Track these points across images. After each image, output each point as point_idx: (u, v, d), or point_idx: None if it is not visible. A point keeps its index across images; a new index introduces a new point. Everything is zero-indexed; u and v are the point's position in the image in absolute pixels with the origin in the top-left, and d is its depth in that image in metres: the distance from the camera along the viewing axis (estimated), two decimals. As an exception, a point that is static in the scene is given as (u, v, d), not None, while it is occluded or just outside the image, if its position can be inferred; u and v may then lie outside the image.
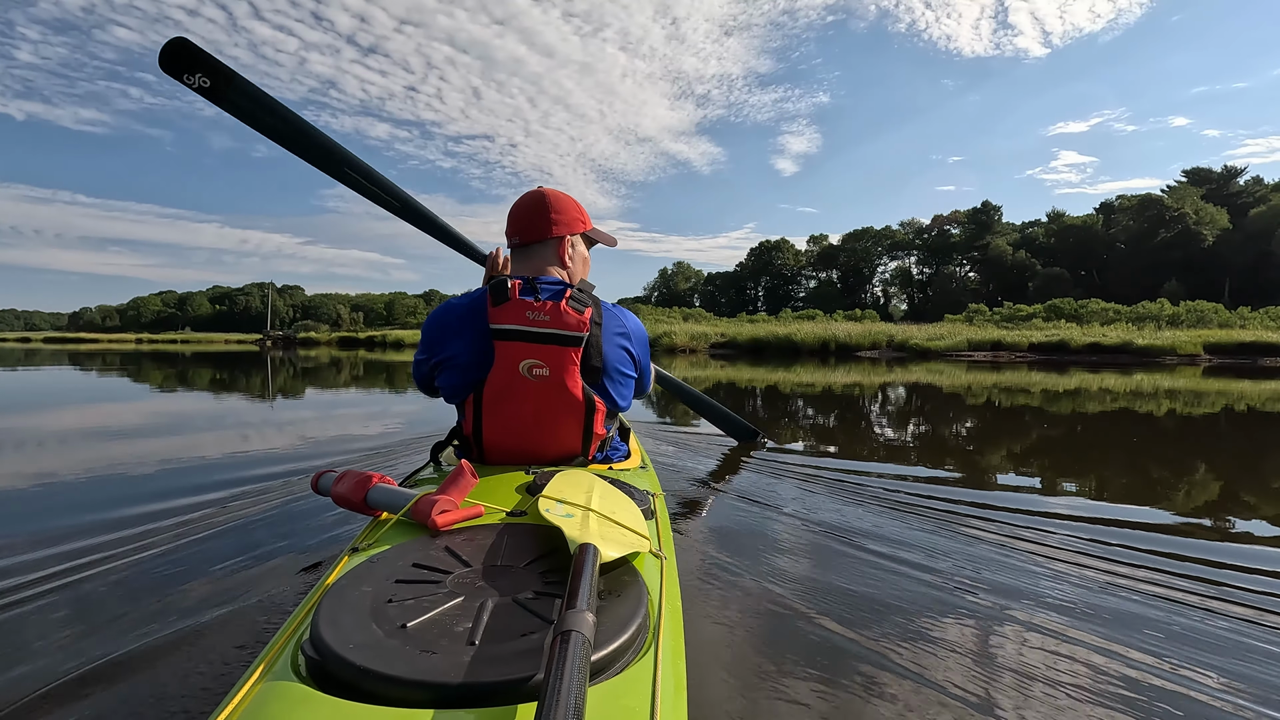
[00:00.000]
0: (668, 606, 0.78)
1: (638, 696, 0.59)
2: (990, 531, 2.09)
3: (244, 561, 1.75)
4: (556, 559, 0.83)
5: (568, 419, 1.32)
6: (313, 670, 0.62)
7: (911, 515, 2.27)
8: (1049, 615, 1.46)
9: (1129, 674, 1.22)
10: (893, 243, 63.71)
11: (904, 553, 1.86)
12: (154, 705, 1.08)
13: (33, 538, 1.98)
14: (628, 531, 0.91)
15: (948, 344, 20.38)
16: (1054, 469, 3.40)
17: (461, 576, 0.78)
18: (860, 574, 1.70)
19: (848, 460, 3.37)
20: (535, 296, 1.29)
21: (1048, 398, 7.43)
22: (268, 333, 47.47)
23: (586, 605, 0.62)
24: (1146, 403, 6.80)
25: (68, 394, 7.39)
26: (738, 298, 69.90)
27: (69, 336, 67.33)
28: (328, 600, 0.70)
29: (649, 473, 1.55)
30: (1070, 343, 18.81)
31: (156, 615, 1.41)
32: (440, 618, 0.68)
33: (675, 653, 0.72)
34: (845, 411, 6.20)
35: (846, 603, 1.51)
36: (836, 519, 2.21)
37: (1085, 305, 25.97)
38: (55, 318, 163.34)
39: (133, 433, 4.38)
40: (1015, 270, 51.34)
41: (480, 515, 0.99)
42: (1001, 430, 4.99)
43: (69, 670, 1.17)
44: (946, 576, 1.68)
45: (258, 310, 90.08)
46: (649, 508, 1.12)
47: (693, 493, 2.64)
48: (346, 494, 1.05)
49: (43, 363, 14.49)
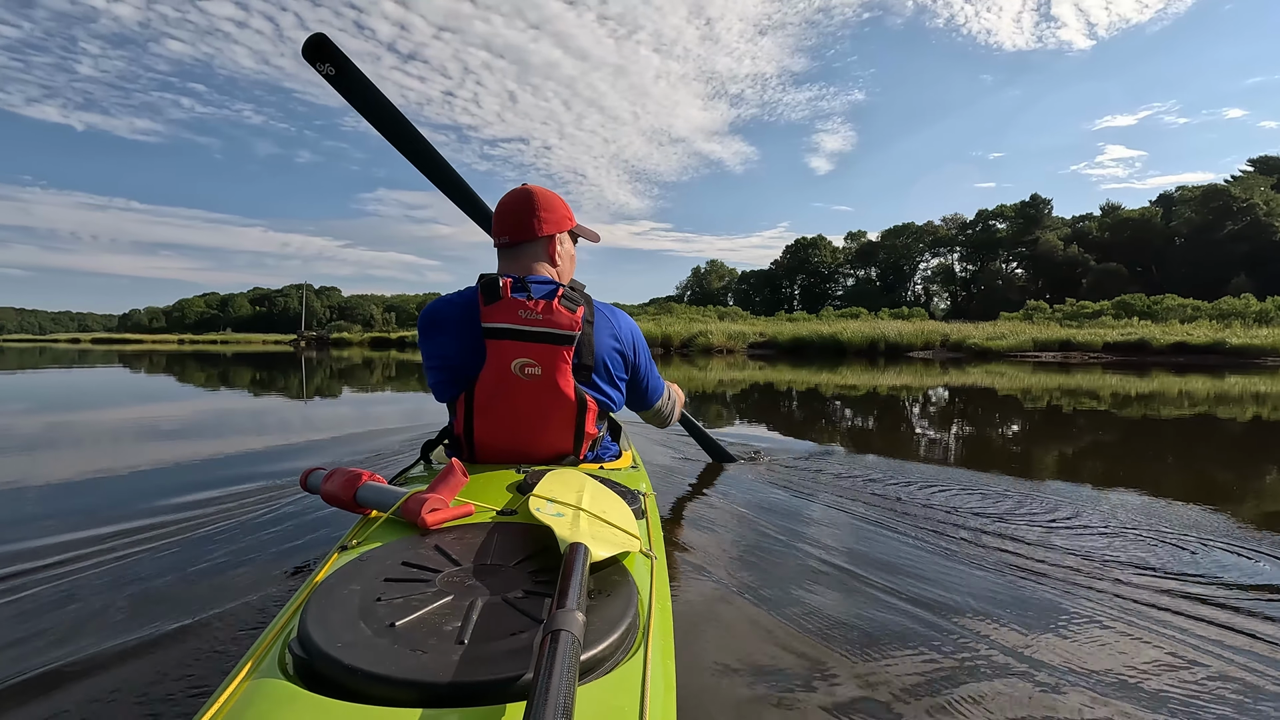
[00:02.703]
0: (657, 606, 0.78)
1: (627, 696, 0.58)
2: (996, 549, 1.93)
3: (231, 560, 1.72)
4: (546, 558, 0.82)
5: (559, 418, 1.31)
6: (300, 669, 0.61)
7: (911, 520, 2.20)
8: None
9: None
10: (935, 239, 61.35)
11: (896, 557, 1.83)
12: (138, 702, 1.05)
13: (18, 533, 1.97)
14: (618, 531, 0.90)
15: (1010, 344, 18.95)
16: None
17: (451, 575, 0.77)
18: (850, 575, 1.69)
19: (850, 463, 3.26)
20: (527, 295, 1.27)
21: (1146, 402, 6.33)
22: (302, 333, 47.82)
23: (576, 605, 0.61)
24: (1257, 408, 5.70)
25: (91, 395, 7.15)
26: (772, 296, 68.22)
27: (115, 337, 69.48)
28: (316, 599, 0.69)
29: (640, 473, 1.54)
30: (1151, 342, 17.22)
31: (142, 613, 1.39)
32: (429, 616, 0.67)
33: (665, 652, 0.70)
34: (879, 414, 5.88)
35: (836, 602, 1.51)
36: (831, 523, 2.18)
37: (1159, 301, 24.00)
38: (107, 319, 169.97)
39: (133, 432, 4.24)
40: (1066, 266, 48.94)
41: (470, 514, 0.98)
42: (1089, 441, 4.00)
43: (51, 665, 1.16)
44: (940, 583, 1.63)
45: (295, 311, 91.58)
46: (640, 507, 1.10)
47: (684, 493, 2.61)
48: (335, 492, 1.04)
49: (94, 363, 14.96)
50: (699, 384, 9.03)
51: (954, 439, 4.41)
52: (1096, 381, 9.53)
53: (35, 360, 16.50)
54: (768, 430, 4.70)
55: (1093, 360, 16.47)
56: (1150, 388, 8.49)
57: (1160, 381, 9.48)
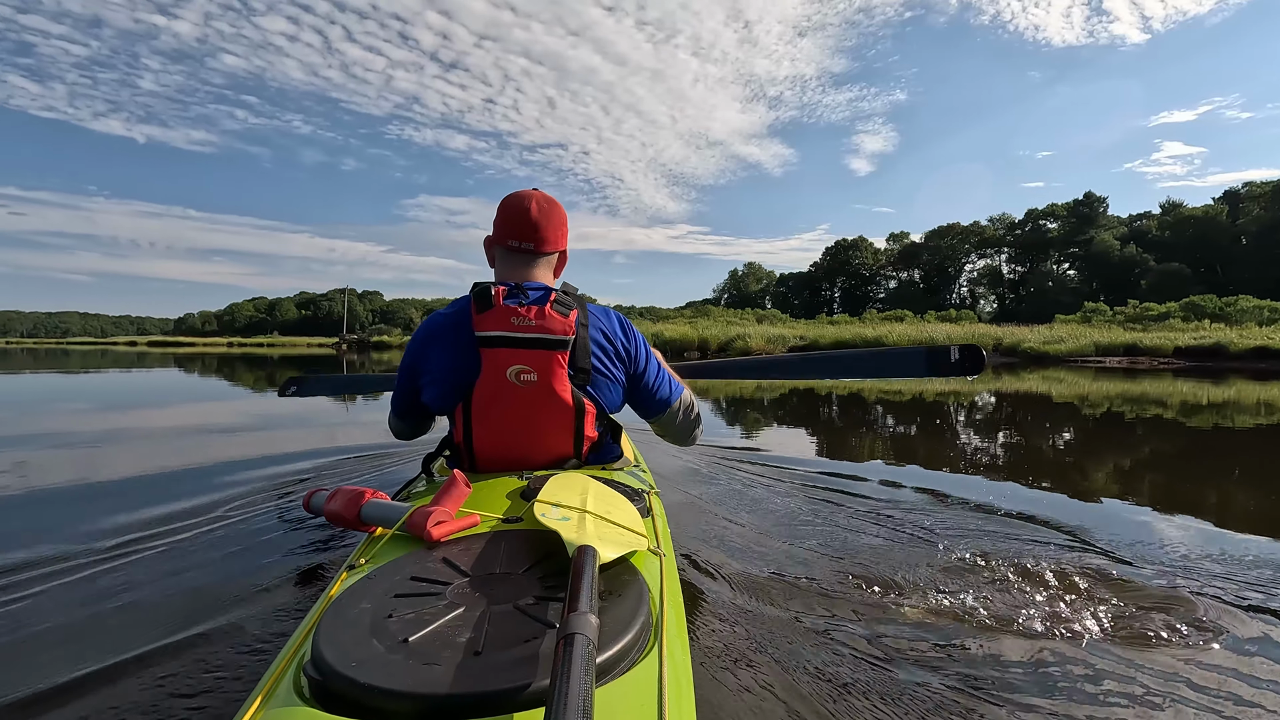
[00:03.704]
0: (669, 603, 0.78)
1: (645, 695, 0.59)
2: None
3: (238, 580, 1.65)
4: (555, 563, 0.82)
5: (558, 423, 1.30)
6: (316, 691, 0.60)
7: (912, 526, 2.13)
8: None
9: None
10: (981, 239, 59.39)
11: (905, 553, 1.82)
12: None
13: (28, 540, 1.96)
14: (625, 531, 0.90)
15: (1069, 348, 18.00)
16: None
17: (461, 587, 0.76)
18: (863, 562, 1.70)
19: (854, 464, 3.25)
20: (519, 302, 1.27)
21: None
22: (344, 336, 48.79)
23: (589, 607, 0.60)
24: None
25: (145, 396, 7.26)
26: (812, 299, 67.18)
27: (169, 340, 72.30)
28: (327, 619, 0.69)
29: (643, 471, 1.54)
30: (1229, 346, 16.13)
31: (145, 626, 1.37)
32: (442, 629, 0.66)
33: (680, 649, 0.71)
34: (916, 419, 5.66)
35: (850, 594, 1.50)
36: (838, 517, 2.19)
37: (1233, 303, 22.53)
38: (163, 322, 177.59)
39: (170, 435, 4.21)
40: (1123, 267, 46.80)
41: (476, 524, 0.98)
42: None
43: (56, 680, 1.14)
44: (951, 589, 1.56)
45: (339, 314, 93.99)
46: (645, 506, 1.10)
47: (689, 489, 2.60)
48: (340, 511, 1.04)
49: (151, 365, 15.47)
50: (736, 389, 8.84)
51: (992, 443, 4.19)
52: (1166, 388, 8.96)
53: (97, 362, 17.17)
54: (797, 431, 4.56)
55: (1162, 366, 15.52)
56: (1225, 395, 7.89)
57: (1238, 389, 8.78)
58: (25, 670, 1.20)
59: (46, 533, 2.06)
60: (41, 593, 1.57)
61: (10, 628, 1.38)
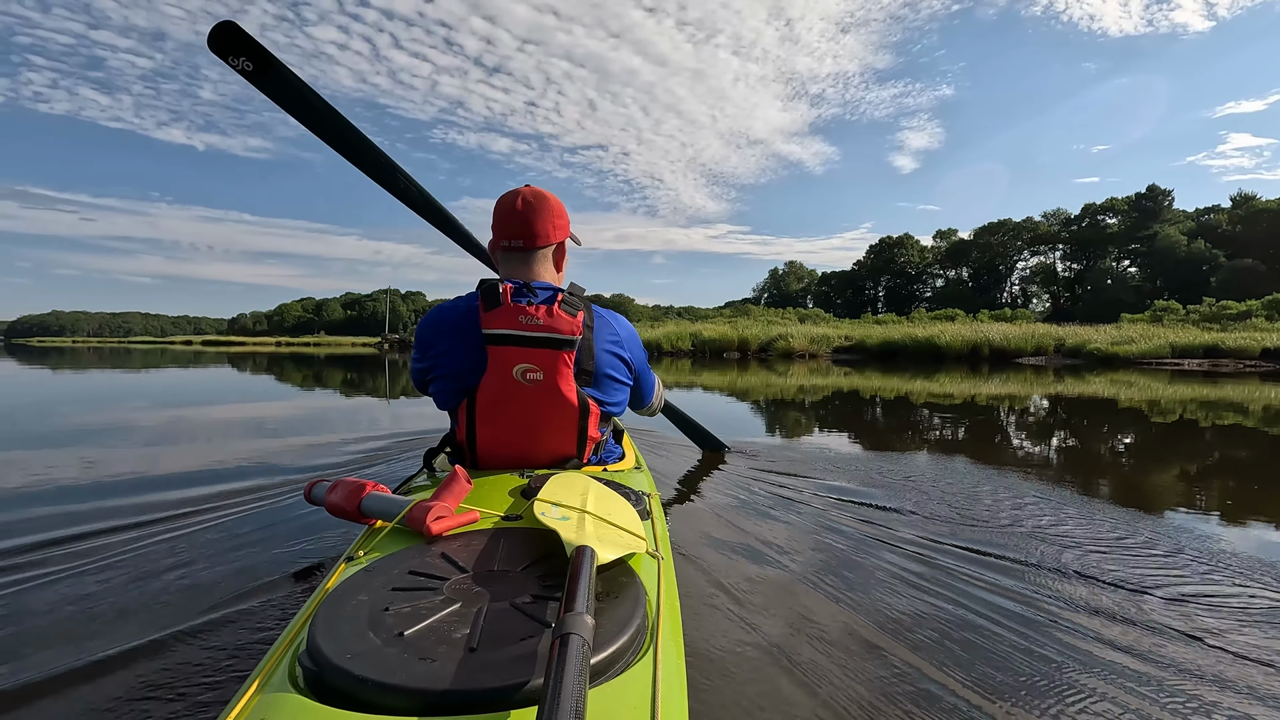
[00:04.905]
0: (666, 607, 0.78)
1: (638, 697, 0.59)
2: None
3: (237, 570, 1.65)
4: (553, 562, 0.82)
5: (562, 422, 1.31)
6: (310, 681, 0.60)
7: (913, 528, 2.12)
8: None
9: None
10: (1034, 236, 56.94)
11: (907, 558, 1.80)
12: (143, 715, 1.03)
13: (25, 528, 1.95)
14: (624, 533, 0.90)
15: (1141, 349, 16.93)
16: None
17: (458, 583, 0.76)
18: (860, 569, 1.69)
19: (860, 473, 3.13)
20: (528, 300, 1.27)
21: None
22: (385, 336, 49.59)
23: (585, 608, 0.61)
24: None
25: (198, 392, 7.38)
26: (855, 298, 65.31)
27: (222, 339, 75.06)
28: (324, 610, 0.69)
29: (644, 474, 1.55)
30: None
31: (145, 618, 1.37)
32: (438, 625, 0.67)
33: (675, 653, 0.71)
34: (960, 422, 5.44)
35: (847, 600, 1.50)
36: (836, 523, 2.16)
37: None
38: (218, 322, 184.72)
39: (158, 436, 4.16)
40: (1189, 263, 44.24)
41: (475, 521, 0.97)
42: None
43: (54, 670, 1.15)
44: (943, 584, 1.61)
45: (382, 315, 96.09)
46: (644, 508, 1.10)
47: (689, 493, 2.58)
48: (340, 503, 1.04)
49: (207, 363, 16.08)
50: (777, 390, 8.47)
51: (1046, 449, 4.01)
52: (1250, 393, 8.29)
53: (157, 360, 17.79)
54: (809, 437, 4.48)
55: (1248, 369, 14.43)
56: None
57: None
58: (21, 660, 1.20)
59: (46, 523, 2.05)
60: (41, 583, 1.56)
61: (5, 619, 1.38)
